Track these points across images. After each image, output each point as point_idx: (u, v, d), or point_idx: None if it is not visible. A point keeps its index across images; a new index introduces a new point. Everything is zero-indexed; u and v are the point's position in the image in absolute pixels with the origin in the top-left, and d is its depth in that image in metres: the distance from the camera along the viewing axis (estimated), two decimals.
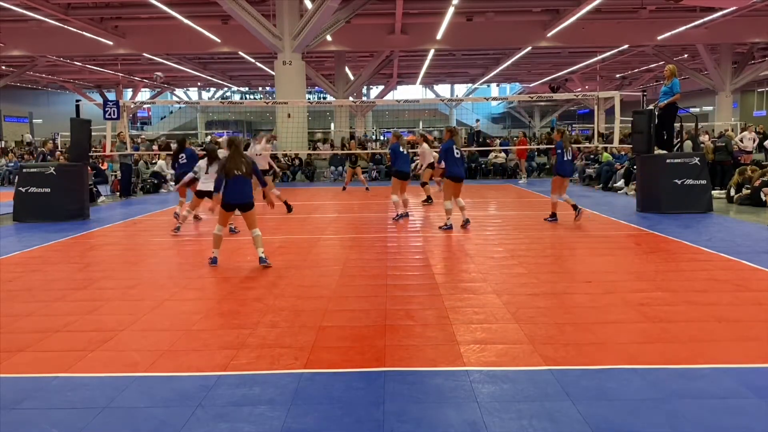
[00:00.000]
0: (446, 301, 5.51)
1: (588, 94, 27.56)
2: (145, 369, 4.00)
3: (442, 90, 54.07)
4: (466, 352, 4.21)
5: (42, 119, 42.68)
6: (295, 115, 19.36)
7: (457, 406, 3.40)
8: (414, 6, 21.94)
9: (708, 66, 28.67)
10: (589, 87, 42.10)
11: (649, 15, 22.56)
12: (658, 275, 6.40)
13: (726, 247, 7.74)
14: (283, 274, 6.73)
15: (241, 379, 3.81)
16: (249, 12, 18.32)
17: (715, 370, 3.84)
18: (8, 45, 24.77)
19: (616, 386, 3.63)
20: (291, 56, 19.43)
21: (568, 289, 5.87)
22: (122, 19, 23.62)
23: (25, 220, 11.23)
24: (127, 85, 42.35)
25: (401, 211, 10.88)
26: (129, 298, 5.84)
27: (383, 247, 8.32)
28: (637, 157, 12.29)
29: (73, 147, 12.21)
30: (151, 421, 3.29)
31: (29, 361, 4.19)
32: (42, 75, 36.13)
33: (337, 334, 4.67)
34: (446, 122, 56.91)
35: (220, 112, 51.98)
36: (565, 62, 34.63)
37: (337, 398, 3.53)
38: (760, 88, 37.70)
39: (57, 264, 7.57)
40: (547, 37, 24.43)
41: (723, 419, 3.22)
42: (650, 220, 10.40)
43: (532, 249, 8.09)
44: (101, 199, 15.13)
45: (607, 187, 16.35)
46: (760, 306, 5.23)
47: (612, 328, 4.69)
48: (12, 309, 5.47)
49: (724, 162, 15.15)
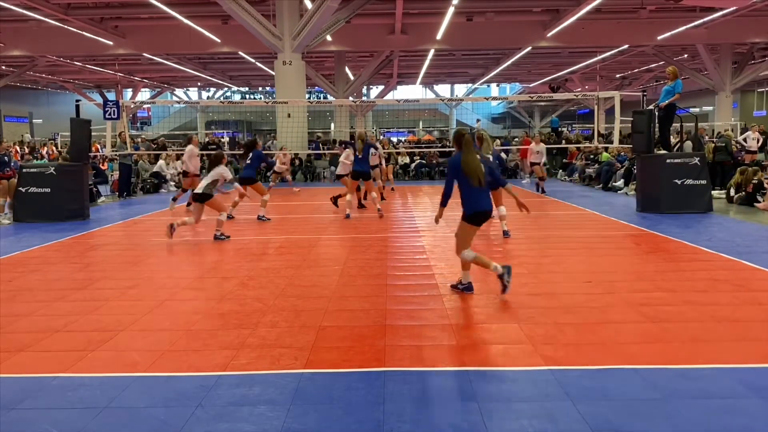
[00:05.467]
0: (446, 301, 5.51)
1: (588, 94, 27.50)
2: (145, 369, 4.00)
3: (442, 90, 54.05)
4: (466, 352, 4.21)
5: (42, 119, 42.67)
6: (295, 115, 19.36)
7: (457, 406, 3.40)
8: (414, 6, 21.93)
9: (708, 66, 28.65)
10: (589, 87, 42.08)
11: (649, 15, 22.56)
12: (658, 275, 6.40)
13: (726, 247, 7.74)
14: (283, 274, 6.73)
15: (241, 379, 3.81)
16: (249, 12, 18.32)
17: (715, 370, 3.84)
18: (8, 45, 24.76)
19: (616, 386, 3.63)
20: (291, 56, 19.43)
21: (568, 289, 5.87)
22: (122, 19, 23.61)
23: (25, 220, 11.23)
24: (127, 85, 42.32)
25: (349, 211, 11.34)
26: (129, 298, 5.84)
27: (383, 247, 8.32)
28: (637, 157, 12.29)
29: (73, 147, 12.22)
30: (151, 421, 3.29)
31: (29, 361, 4.20)
32: (42, 75, 36.12)
33: (337, 334, 4.67)
34: (446, 122, 56.98)
35: (220, 112, 51.92)
36: (565, 62, 34.62)
37: (337, 398, 3.53)
38: (760, 88, 37.67)
39: (57, 264, 7.57)
40: (547, 37, 24.42)
41: (723, 419, 3.22)
42: (650, 220, 10.40)
43: (532, 249, 8.09)
44: (101, 199, 15.14)
45: (607, 187, 16.35)
46: (760, 306, 5.23)
47: (612, 328, 4.69)
48: (12, 309, 5.47)
49: (724, 162, 15.15)
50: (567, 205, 13.18)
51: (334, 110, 36.21)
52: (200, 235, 9.59)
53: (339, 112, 32.13)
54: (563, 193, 15.65)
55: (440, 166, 23.36)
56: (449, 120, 56.88)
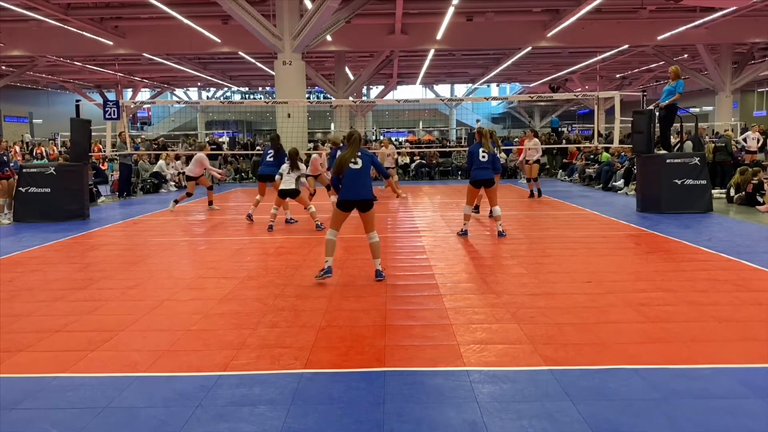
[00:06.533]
0: (446, 301, 5.51)
1: (588, 94, 27.49)
2: (145, 369, 4.00)
3: (442, 90, 54.05)
4: (466, 352, 4.21)
5: (42, 119, 42.65)
6: (295, 115, 19.35)
7: (457, 406, 3.40)
8: (414, 6, 21.92)
9: (708, 66, 28.64)
10: (589, 87, 42.06)
11: (649, 15, 22.54)
12: (658, 275, 6.40)
13: (726, 247, 7.74)
14: (283, 274, 6.73)
15: (241, 379, 3.81)
16: (249, 12, 18.30)
17: (715, 370, 3.84)
18: (8, 45, 24.74)
19: (616, 386, 3.63)
20: (291, 56, 19.42)
21: (568, 289, 5.87)
22: (122, 19, 23.59)
23: (25, 220, 11.23)
24: (127, 85, 42.30)
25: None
26: (129, 298, 5.85)
27: (383, 247, 8.29)
28: (637, 157, 12.30)
29: (73, 147, 12.22)
30: (151, 421, 3.29)
31: (29, 361, 4.20)
32: (42, 75, 36.09)
33: (337, 334, 4.67)
34: (446, 122, 56.97)
35: (220, 112, 51.91)
36: (565, 62, 34.60)
37: (337, 398, 3.53)
38: (760, 88, 37.67)
39: (57, 264, 7.57)
40: (547, 37, 24.40)
41: (723, 419, 3.22)
42: (650, 220, 10.40)
43: (532, 249, 8.09)
44: (101, 199, 15.14)
45: (607, 187, 16.35)
46: (760, 306, 5.23)
47: (612, 328, 4.69)
48: (12, 309, 5.48)
49: (724, 162, 15.16)
50: (567, 205, 13.17)
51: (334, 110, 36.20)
52: (201, 235, 9.59)
53: (339, 112, 32.13)
54: (563, 193, 15.65)
55: (440, 166, 23.39)
56: (449, 120, 56.88)
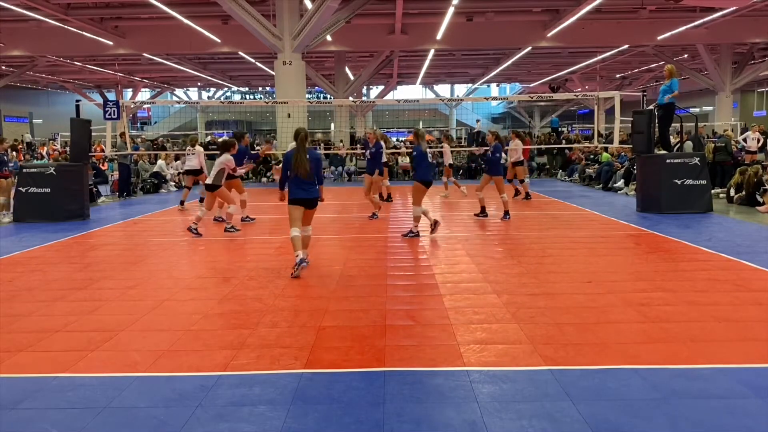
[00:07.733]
0: (446, 301, 5.51)
1: (588, 94, 27.48)
2: (145, 369, 4.00)
3: (442, 90, 54.06)
4: (466, 352, 4.21)
5: (42, 119, 42.65)
6: (295, 115, 19.36)
7: (457, 406, 3.40)
8: (414, 6, 21.92)
9: (708, 66, 28.65)
10: (589, 87, 42.06)
11: (649, 15, 22.55)
12: (658, 275, 6.40)
13: (726, 247, 7.74)
14: (283, 274, 6.73)
15: (241, 379, 3.81)
16: (249, 12, 18.31)
17: (715, 370, 3.84)
18: (8, 45, 24.75)
19: (616, 386, 3.63)
20: (291, 56, 19.43)
21: (568, 289, 5.87)
22: (122, 19, 23.60)
23: (25, 220, 11.23)
24: (127, 85, 42.31)
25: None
26: (129, 298, 5.84)
27: (383, 247, 8.32)
28: (637, 157, 12.29)
29: (73, 147, 12.22)
30: (151, 421, 3.29)
31: (29, 361, 4.19)
32: (42, 75, 36.10)
33: (337, 334, 4.67)
34: (446, 122, 56.98)
35: (220, 112, 51.92)
36: (565, 62, 34.60)
37: (337, 398, 3.53)
38: (760, 88, 37.67)
39: (57, 264, 7.57)
40: (547, 37, 24.41)
41: (723, 419, 3.22)
42: (650, 220, 10.40)
43: (532, 249, 8.09)
44: (101, 199, 15.13)
45: (607, 187, 16.35)
46: (760, 306, 5.23)
47: (612, 328, 4.69)
48: (12, 309, 5.47)
49: (724, 162, 15.15)
50: (567, 205, 13.18)
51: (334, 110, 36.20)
52: (201, 235, 9.58)
53: (339, 113, 32.13)
54: (563, 193, 15.65)
55: (441, 166, 23.36)
56: (449, 120, 56.87)
